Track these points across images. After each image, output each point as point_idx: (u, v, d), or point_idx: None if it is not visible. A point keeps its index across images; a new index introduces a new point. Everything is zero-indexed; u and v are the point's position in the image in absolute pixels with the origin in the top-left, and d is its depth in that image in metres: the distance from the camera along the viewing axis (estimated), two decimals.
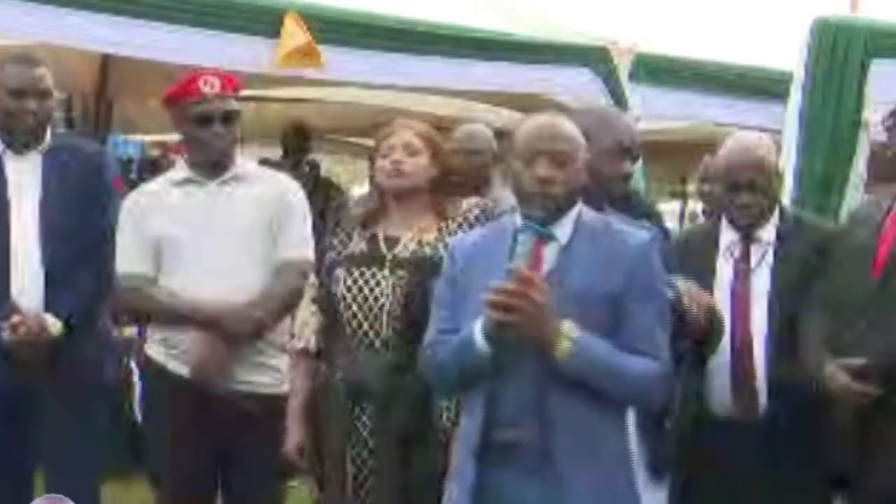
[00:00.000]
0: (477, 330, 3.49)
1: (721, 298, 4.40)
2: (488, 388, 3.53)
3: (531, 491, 3.51)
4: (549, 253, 3.56)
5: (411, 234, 4.24)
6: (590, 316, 3.49)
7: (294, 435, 4.40)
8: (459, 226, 4.23)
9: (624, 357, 3.49)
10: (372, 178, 9.26)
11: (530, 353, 3.48)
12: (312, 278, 4.47)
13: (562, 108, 7.56)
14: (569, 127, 3.64)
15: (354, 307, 4.20)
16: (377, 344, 4.16)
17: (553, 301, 3.44)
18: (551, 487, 3.48)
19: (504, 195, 5.26)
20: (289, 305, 4.73)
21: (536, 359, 3.48)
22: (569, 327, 3.44)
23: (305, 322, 4.44)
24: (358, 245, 4.28)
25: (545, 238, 3.54)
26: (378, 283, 4.19)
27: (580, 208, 3.63)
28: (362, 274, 4.22)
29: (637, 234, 3.64)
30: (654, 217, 5.13)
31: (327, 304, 4.30)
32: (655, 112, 7.85)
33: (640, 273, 3.53)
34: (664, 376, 3.55)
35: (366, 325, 4.19)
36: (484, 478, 3.54)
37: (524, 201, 3.59)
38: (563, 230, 3.59)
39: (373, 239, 4.28)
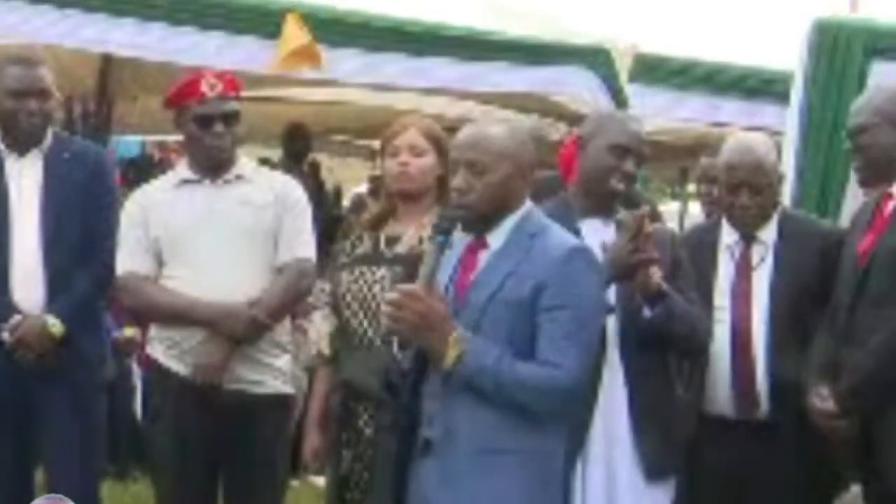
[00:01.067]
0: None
1: (722, 298, 4.41)
2: (412, 386, 3.62)
3: (437, 490, 3.56)
4: (482, 258, 3.62)
5: (412, 231, 4.25)
6: (497, 319, 3.53)
7: (310, 438, 4.43)
8: None
9: (517, 366, 3.49)
10: (371, 179, 9.27)
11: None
12: (321, 283, 4.50)
13: (561, 109, 7.59)
14: (491, 134, 3.64)
15: (355, 306, 4.23)
16: (377, 342, 4.17)
17: (446, 310, 3.52)
18: (451, 487, 3.53)
19: None
20: (289, 305, 4.74)
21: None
22: (458, 337, 3.49)
23: (320, 327, 4.46)
24: (364, 247, 4.30)
25: (479, 244, 3.61)
26: (376, 282, 4.20)
27: (524, 214, 3.64)
28: (362, 273, 4.24)
29: (562, 243, 3.61)
30: (654, 218, 5.14)
31: (336, 307, 4.32)
32: (655, 112, 7.85)
33: (554, 280, 3.52)
34: (560, 385, 3.50)
35: (365, 324, 4.20)
36: (413, 476, 3.61)
37: (443, 211, 3.68)
38: (497, 237, 3.63)
39: (376, 240, 4.29)
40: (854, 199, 5.86)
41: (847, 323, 4.15)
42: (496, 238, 3.63)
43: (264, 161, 8.36)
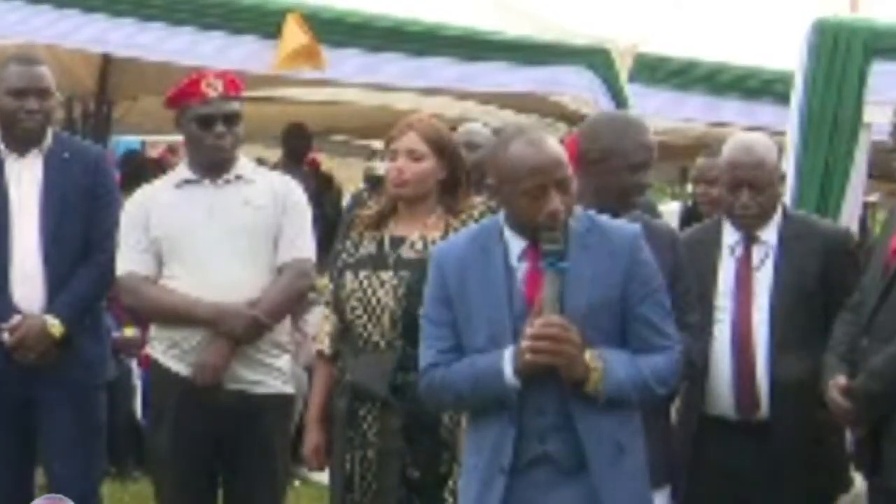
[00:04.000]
0: (507, 365, 3.50)
1: (722, 299, 4.40)
2: (514, 408, 3.55)
3: (566, 501, 3.54)
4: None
5: (417, 234, 4.24)
6: (598, 324, 3.54)
7: (311, 436, 4.42)
8: (463, 223, 4.23)
9: (644, 363, 3.56)
10: (368, 178, 9.27)
11: (554, 375, 3.53)
12: (325, 280, 4.48)
13: (561, 109, 7.58)
14: (559, 148, 3.60)
15: (359, 309, 4.21)
16: (382, 345, 4.17)
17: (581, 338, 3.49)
18: (587, 498, 3.52)
19: None
20: (289, 305, 4.75)
21: (559, 379, 3.53)
22: (592, 358, 3.49)
23: (322, 325, 4.46)
24: (367, 247, 4.29)
25: (538, 252, 3.54)
26: (382, 285, 4.19)
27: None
28: (367, 276, 4.22)
29: (623, 228, 3.68)
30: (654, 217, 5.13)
31: (338, 307, 4.31)
32: (655, 112, 7.84)
33: (636, 269, 3.59)
34: (679, 361, 3.66)
35: (370, 326, 4.19)
36: (513, 491, 3.55)
37: (532, 232, 3.56)
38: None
39: (381, 240, 4.28)
40: (854, 199, 5.87)
41: (870, 320, 4.12)
42: None
43: (260, 161, 8.38)
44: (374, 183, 8.57)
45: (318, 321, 4.59)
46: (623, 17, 8.56)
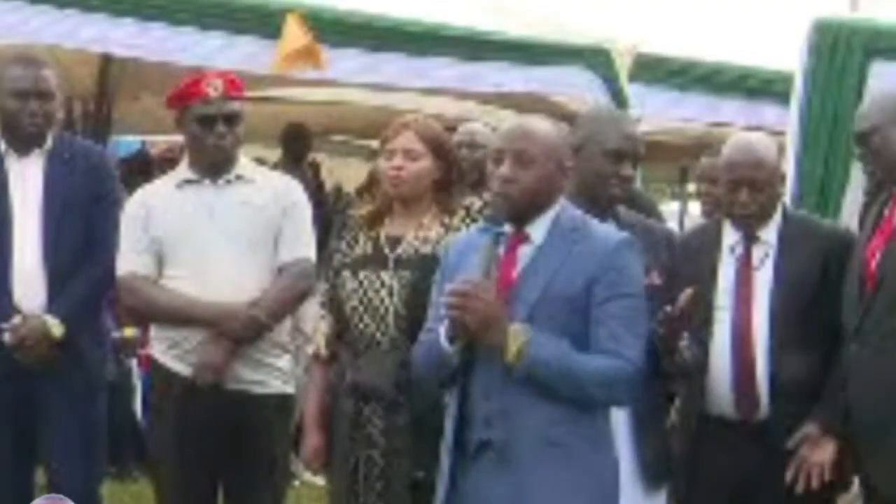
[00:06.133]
0: (442, 331, 3.59)
1: (723, 299, 4.41)
2: (460, 388, 3.61)
3: (494, 490, 3.55)
4: (524, 252, 3.63)
5: (413, 233, 4.25)
6: (551, 315, 3.55)
7: (310, 438, 4.42)
8: (462, 220, 4.24)
9: (581, 358, 3.53)
10: (370, 178, 9.29)
11: (495, 354, 3.54)
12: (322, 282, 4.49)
13: (561, 109, 7.59)
14: (539, 127, 3.67)
15: (360, 309, 4.21)
16: (384, 344, 4.17)
17: (503, 304, 3.52)
18: (511, 488, 3.53)
19: None
20: (289, 305, 4.74)
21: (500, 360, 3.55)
22: (518, 331, 3.50)
23: (316, 326, 4.45)
24: (363, 247, 4.29)
25: (519, 238, 3.61)
26: (382, 284, 4.19)
27: (560, 209, 3.67)
28: (367, 276, 4.23)
29: (608, 236, 3.67)
30: (654, 217, 5.14)
31: (335, 308, 4.31)
32: (655, 112, 7.85)
33: (605, 274, 3.56)
34: (626, 375, 3.56)
35: (372, 326, 4.19)
36: (460, 476, 3.61)
37: (492, 201, 3.68)
38: (538, 230, 3.64)
39: (377, 240, 4.29)
40: (854, 199, 5.87)
41: (858, 334, 4.12)
42: (537, 232, 3.63)
43: (260, 161, 8.37)
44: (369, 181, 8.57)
45: (314, 320, 4.58)
46: (623, 17, 8.57)
